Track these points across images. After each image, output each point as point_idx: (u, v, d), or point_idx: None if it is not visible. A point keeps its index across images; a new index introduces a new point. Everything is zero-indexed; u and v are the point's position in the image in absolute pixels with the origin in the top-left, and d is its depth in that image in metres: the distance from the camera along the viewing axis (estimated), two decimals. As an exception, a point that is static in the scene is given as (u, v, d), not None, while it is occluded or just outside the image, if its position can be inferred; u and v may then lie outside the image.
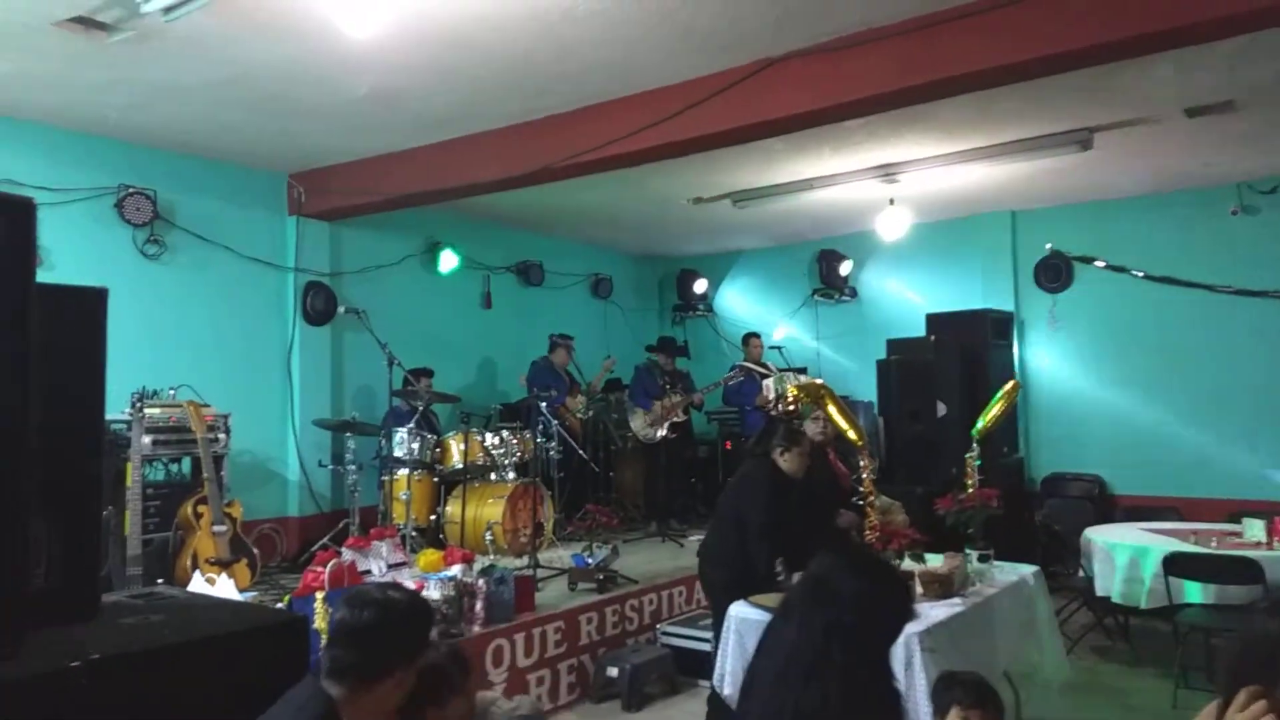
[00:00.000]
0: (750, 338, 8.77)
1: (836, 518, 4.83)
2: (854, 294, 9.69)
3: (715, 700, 4.33)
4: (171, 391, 6.24)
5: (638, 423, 8.24)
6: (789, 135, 5.78)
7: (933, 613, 4.08)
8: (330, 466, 7.34)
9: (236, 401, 6.66)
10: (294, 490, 7.39)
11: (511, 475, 7.18)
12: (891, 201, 8.03)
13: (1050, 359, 8.73)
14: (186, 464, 6.18)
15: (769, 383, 7.88)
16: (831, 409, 4.87)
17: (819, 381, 5.60)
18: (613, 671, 5.50)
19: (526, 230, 9.42)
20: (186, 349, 6.86)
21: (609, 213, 8.62)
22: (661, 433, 8.10)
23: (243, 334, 7.21)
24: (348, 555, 5.62)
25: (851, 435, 4.83)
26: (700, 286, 10.50)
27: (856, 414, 5.34)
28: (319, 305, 7.57)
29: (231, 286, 7.18)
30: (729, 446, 9.05)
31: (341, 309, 7.47)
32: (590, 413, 8.46)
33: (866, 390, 8.69)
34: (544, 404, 7.17)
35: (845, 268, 9.51)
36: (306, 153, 6.80)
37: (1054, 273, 8.60)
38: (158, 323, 6.72)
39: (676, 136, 5.48)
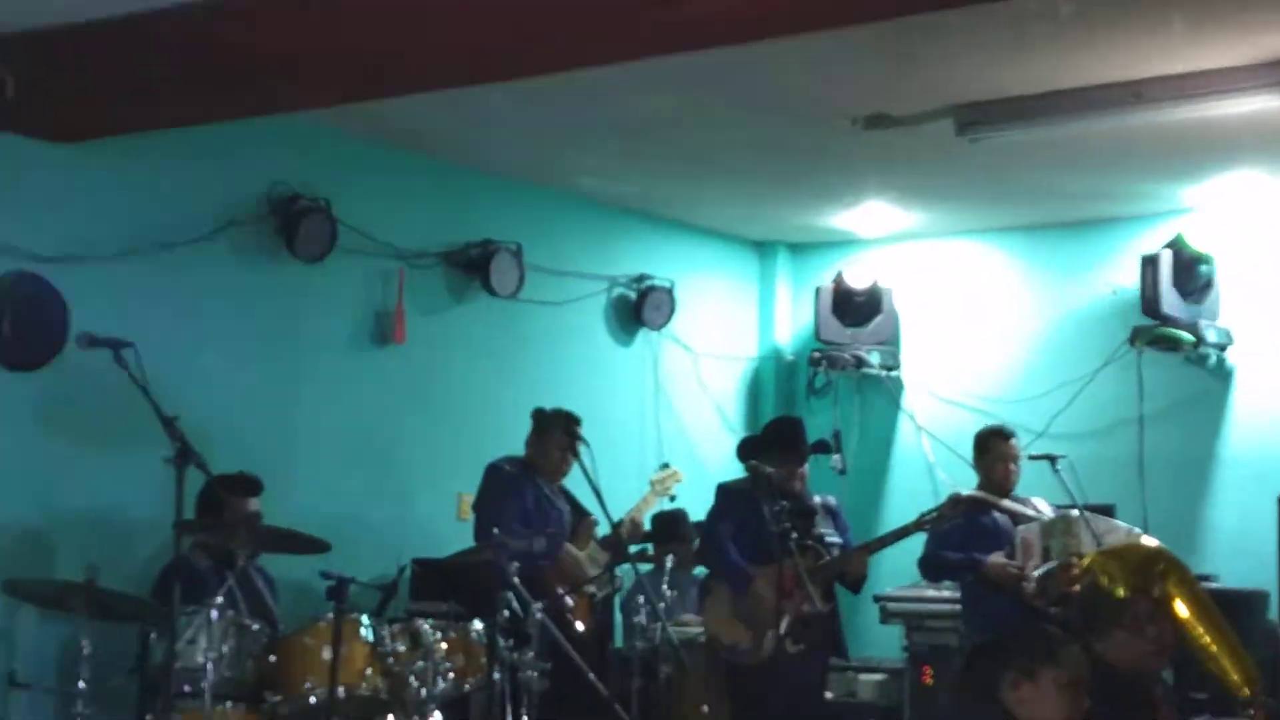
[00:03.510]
0: (993, 438, 7.23)
1: None
2: (1224, 341, 8.13)
3: None
4: None
5: (719, 614, 6.87)
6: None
7: None
8: (31, 686, 6.15)
9: None
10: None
11: (437, 721, 6.24)
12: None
13: None
14: None
15: (1029, 533, 6.79)
16: (1180, 607, 4.79)
17: (1151, 544, 5.50)
18: None
19: (487, 174, 8.18)
20: None
21: (671, 140, 7.48)
22: (771, 640, 6.61)
23: None
24: None
25: (1227, 669, 4.78)
26: (875, 309, 9.06)
27: (1239, 621, 5.26)
28: (24, 329, 6.51)
29: None
30: (929, 677, 7.72)
31: (77, 339, 5.98)
32: (618, 585, 7.35)
33: (1256, 568, 7.59)
34: (512, 563, 6.18)
35: (1205, 274, 8.07)
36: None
37: None
38: None
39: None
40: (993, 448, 7.15)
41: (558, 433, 7.06)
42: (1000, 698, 4.11)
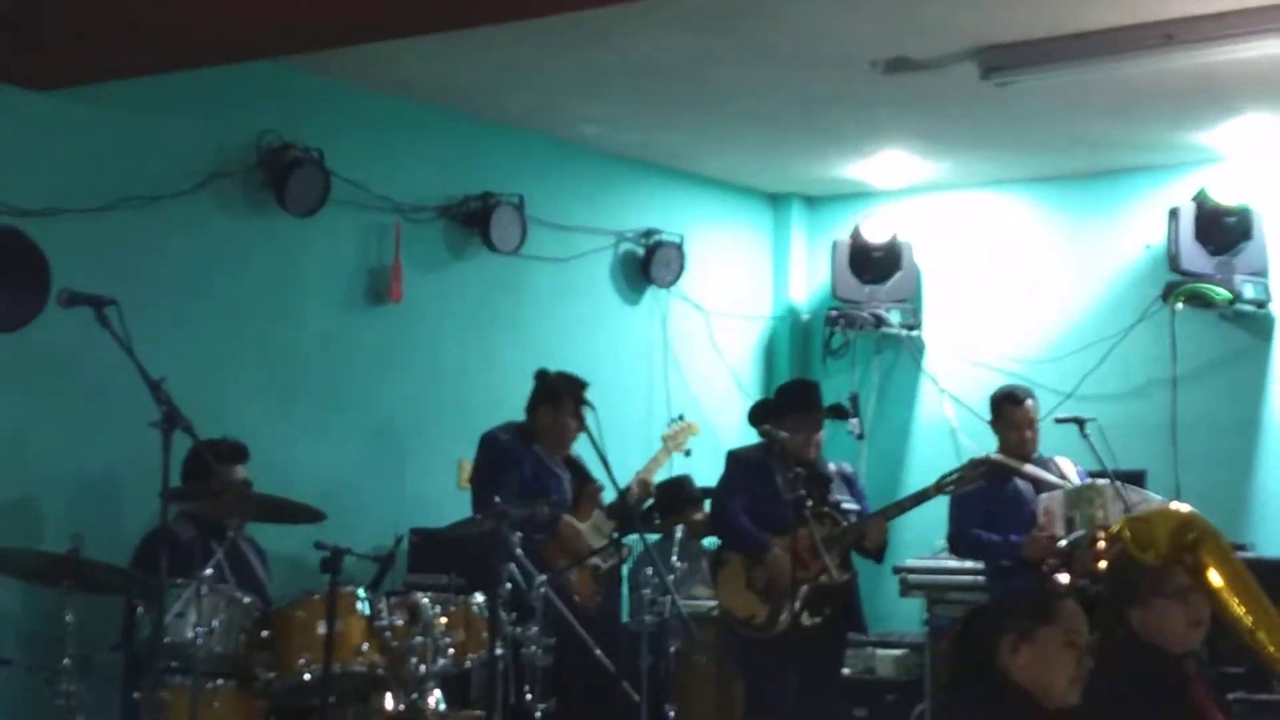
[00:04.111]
0: (1005, 403, 7.22)
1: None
2: (1263, 297, 8.01)
3: None
4: None
5: (733, 587, 6.84)
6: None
7: None
8: (12, 662, 6.05)
9: None
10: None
11: (436, 700, 5.98)
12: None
13: None
14: None
15: (1052, 501, 6.70)
16: (1214, 577, 4.36)
17: (1184, 510, 4.89)
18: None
19: (487, 123, 8.10)
20: None
21: (681, 86, 7.50)
22: (787, 613, 6.58)
23: None
24: None
25: (1264, 642, 4.34)
26: (894, 265, 8.97)
27: (1278, 592, 4.63)
28: (2, 287, 6.49)
29: None
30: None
31: (58, 296, 5.83)
32: (625, 555, 7.16)
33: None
34: (515, 533, 6.11)
35: (1237, 227, 7.91)
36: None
37: None
38: None
39: None
40: (1005, 413, 7.10)
41: (570, 402, 6.96)
42: (999, 664, 3.97)
